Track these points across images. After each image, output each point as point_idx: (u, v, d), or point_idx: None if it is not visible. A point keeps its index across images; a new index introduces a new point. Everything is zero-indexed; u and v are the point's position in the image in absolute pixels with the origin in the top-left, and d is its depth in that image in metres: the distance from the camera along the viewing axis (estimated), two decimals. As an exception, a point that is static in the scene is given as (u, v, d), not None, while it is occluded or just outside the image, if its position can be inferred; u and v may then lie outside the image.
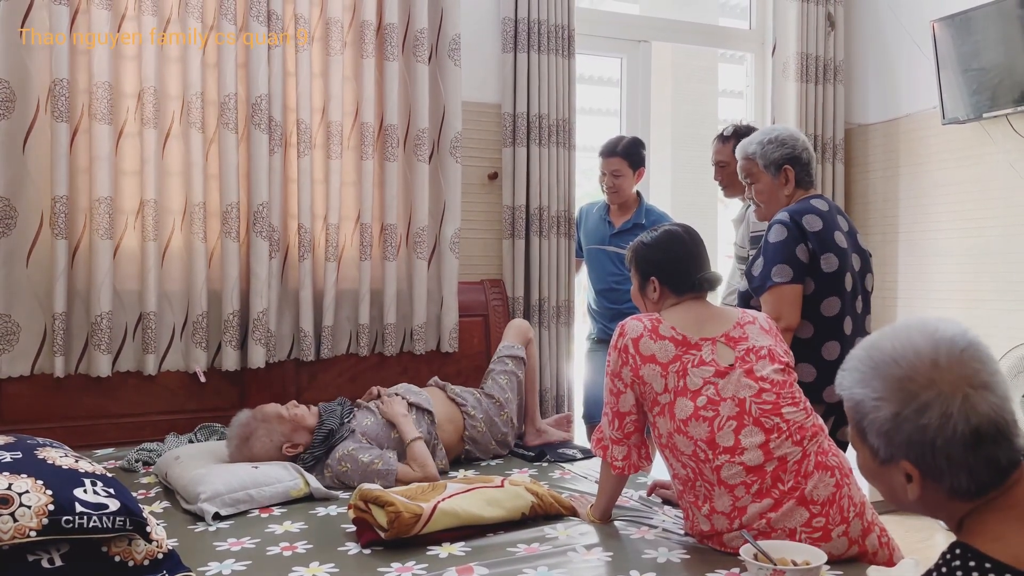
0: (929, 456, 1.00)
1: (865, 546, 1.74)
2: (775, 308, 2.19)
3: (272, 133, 2.98)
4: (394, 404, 2.52)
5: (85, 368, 2.82)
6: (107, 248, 2.78)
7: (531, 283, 3.48)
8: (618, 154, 3.29)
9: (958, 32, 3.50)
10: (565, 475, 2.55)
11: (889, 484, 1.07)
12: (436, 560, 1.77)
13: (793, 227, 2.24)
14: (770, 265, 2.23)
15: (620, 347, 1.86)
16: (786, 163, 2.36)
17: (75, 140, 2.77)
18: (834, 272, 2.24)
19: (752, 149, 2.41)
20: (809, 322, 2.25)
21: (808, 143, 2.41)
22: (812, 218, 2.26)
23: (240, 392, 3.02)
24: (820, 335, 2.25)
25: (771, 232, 2.27)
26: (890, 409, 1.02)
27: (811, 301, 2.24)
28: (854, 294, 2.31)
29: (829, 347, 2.25)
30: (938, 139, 3.81)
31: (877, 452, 1.05)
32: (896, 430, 1.01)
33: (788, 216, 2.27)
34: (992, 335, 3.56)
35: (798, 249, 2.22)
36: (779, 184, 2.38)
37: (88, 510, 1.58)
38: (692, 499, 1.81)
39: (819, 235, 2.24)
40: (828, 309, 2.25)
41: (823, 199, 2.37)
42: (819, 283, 2.24)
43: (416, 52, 3.22)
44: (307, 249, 3.06)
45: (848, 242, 2.32)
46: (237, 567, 1.75)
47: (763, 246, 2.30)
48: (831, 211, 2.34)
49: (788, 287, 2.21)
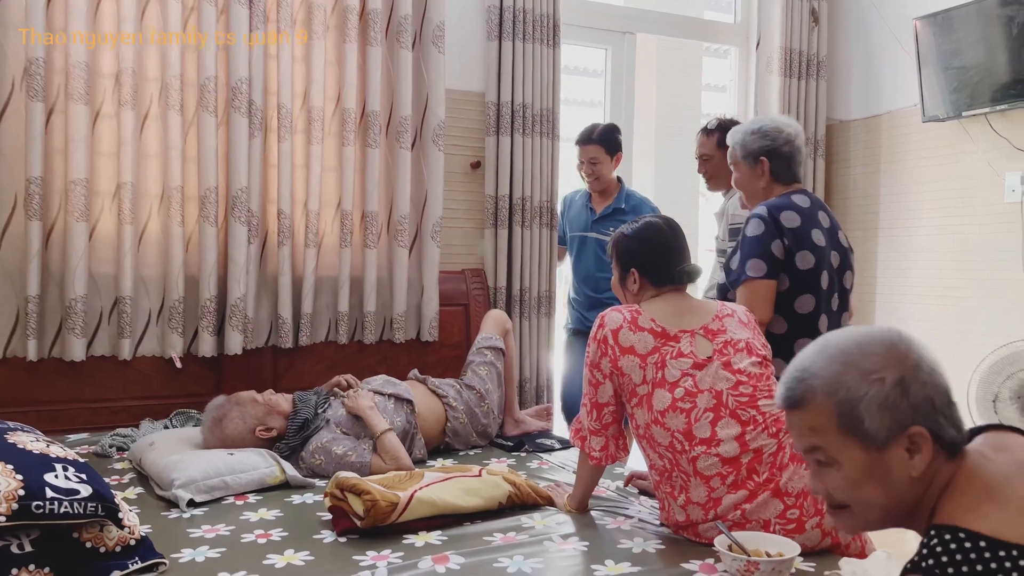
0: (931, 412, 1.04)
1: (838, 538, 1.75)
2: (747, 302, 2.18)
3: (252, 117, 2.95)
4: (360, 398, 2.49)
5: (59, 352, 2.78)
6: (82, 231, 2.74)
7: (513, 273, 3.47)
8: (595, 141, 3.30)
9: (940, 30, 3.52)
10: (543, 465, 2.55)
11: (885, 475, 1.06)
12: (412, 549, 1.77)
13: (770, 222, 2.23)
14: (745, 259, 2.23)
15: (599, 338, 1.86)
16: (763, 155, 2.35)
17: (51, 120, 2.72)
18: (809, 270, 2.23)
19: (736, 138, 2.41)
20: (783, 318, 2.24)
21: (795, 137, 2.36)
22: (790, 214, 2.25)
23: (216, 378, 3.00)
24: (793, 332, 2.25)
25: (748, 226, 2.27)
26: (894, 376, 1.05)
27: (785, 298, 2.24)
28: (830, 292, 2.31)
29: (802, 344, 2.22)
30: (918, 136, 3.84)
31: (875, 436, 1.05)
32: (903, 395, 1.04)
33: (766, 211, 2.26)
34: (969, 331, 3.61)
35: (774, 245, 2.21)
36: (756, 175, 2.37)
37: (59, 495, 1.56)
38: (668, 490, 1.81)
39: (796, 232, 2.23)
40: (802, 306, 2.25)
41: (805, 195, 2.35)
42: (794, 280, 2.23)
43: (400, 38, 3.20)
44: (287, 235, 3.03)
45: (827, 240, 2.31)
46: (211, 554, 1.74)
47: (740, 239, 2.30)
48: (812, 207, 2.32)
49: (761, 282, 2.20)
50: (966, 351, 3.56)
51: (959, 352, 3.61)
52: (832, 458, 1.09)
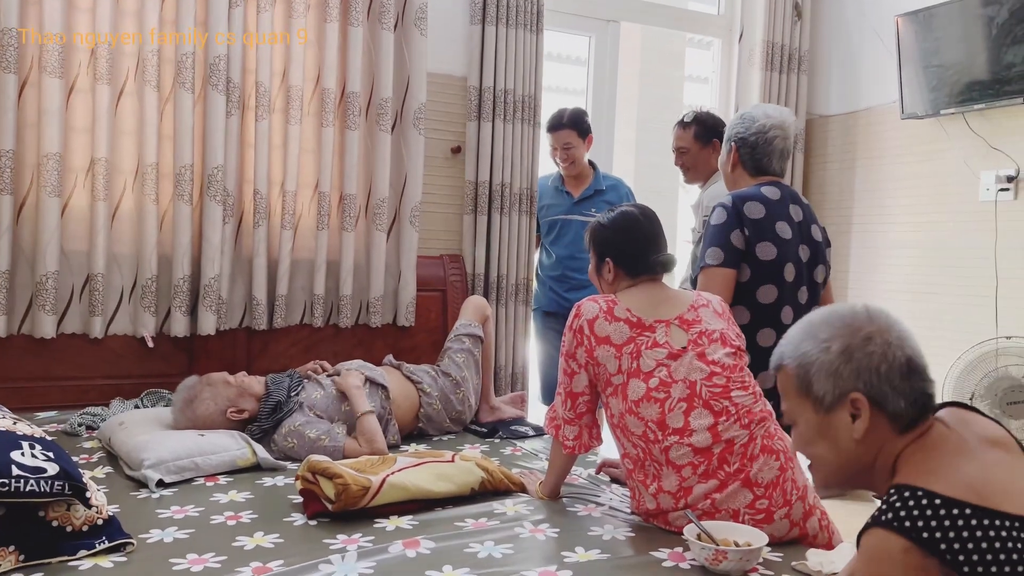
0: (875, 380, 1.14)
1: (806, 529, 1.77)
2: (705, 290, 2.19)
3: (230, 95, 2.91)
4: (349, 376, 2.50)
5: (28, 329, 2.74)
6: (55, 206, 2.69)
7: (491, 260, 3.46)
8: (565, 125, 3.31)
9: (921, 28, 3.54)
10: (516, 452, 2.56)
11: (833, 436, 1.18)
12: (383, 533, 1.77)
13: (732, 212, 2.25)
14: (706, 247, 2.27)
15: (575, 328, 1.87)
16: (733, 140, 2.38)
17: (23, 93, 2.67)
18: (771, 261, 2.25)
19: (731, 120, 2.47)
20: (745, 308, 2.26)
21: (768, 130, 2.34)
22: (754, 205, 2.26)
23: (189, 359, 2.97)
24: (756, 322, 2.26)
25: (712, 215, 2.30)
26: (839, 345, 1.16)
27: (747, 288, 2.25)
28: (797, 284, 2.31)
29: (764, 334, 2.27)
30: (896, 133, 3.87)
31: (823, 399, 1.17)
32: (847, 362, 1.15)
33: (731, 200, 2.28)
34: (941, 329, 3.65)
35: (733, 235, 2.23)
36: (728, 160, 2.41)
37: (25, 473, 1.53)
38: (640, 478, 1.82)
39: (758, 223, 2.24)
40: (764, 296, 2.26)
41: (777, 187, 2.35)
42: (755, 270, 2.25)
43: (382, 19, 3.16)
44: (263, 216, 3.00)
45: (796, 233, 2.31)
46: (179, 535, 1.73)
47: (705, 227, 2.34)
48: (782, 201, 2.32)
49: (717, 270, 2.23)
50: (938, 348, 3.60)
51: (931, 349, 3.64)
52: (793, 418, 1.23)
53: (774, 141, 2.36)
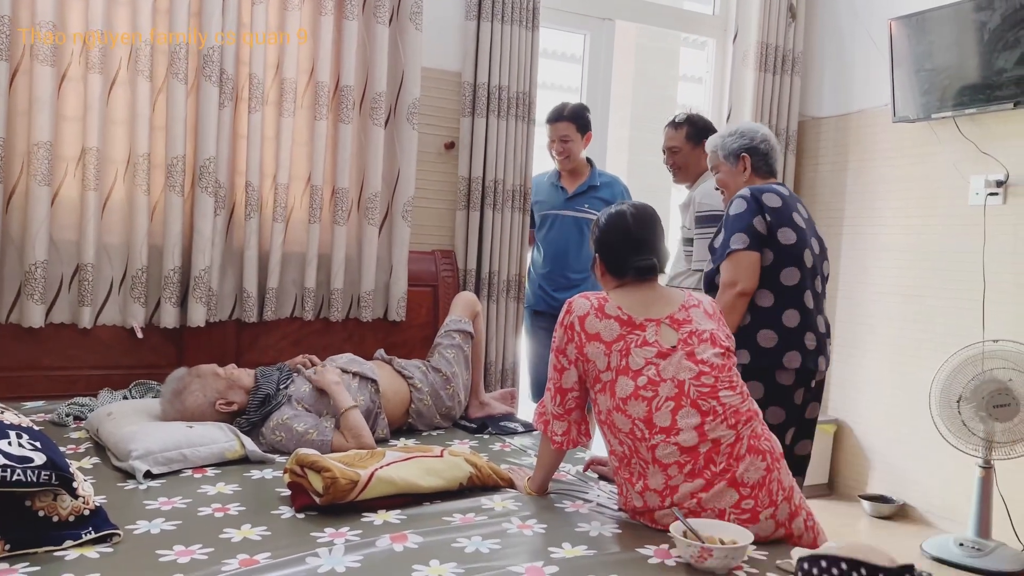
0: None
1: (791, 529, 1.78)
2: (733, 273, 2.34)
3: (223, 86, 2.90)
4: (327, 373, 2.48)
5: (17, 318, 2.73)
6: (45, 195, 2.68)
7: (483, 256, 3.46)
8: (565, 118, 3.32)
9: (914, 32, 3.56)
10: (505, 448, 2.56)
11: None
12: (371, 527, 1.77)
13: (752, 201, 2.39)
14: (729, 234, 2.38)
15: (566, 324, 1.87)
16: (743, 152, 2.54)
17: (15, 80, 2.66)
18: (792, 244, 2.37)
19: (715, 143, 2.61)
20: (769, 291, 2.37)
21: (769, 136, 2.57)
22: (771, 196, 2.41)
23: (178, 350, 2.96)
24: (780, 303, 2.36)
25: (732, 206, 2.42)
26: None
27: (770, 271, 2.37)
28: (814, 272, 2.45)
29: (789, 315, 2.36)
30: (888, 136, 3.89)
31: None
32: None
33: (749, 192, 2.42)
34: (929, 331, 3.68)
35: (755, 220, 2.36)
36: (737, 171, 2.56)
37: (12, 463, 1.53)
38: (627, 476, 1.83)
39: (777, 210, 2.38)
40: (788, 279, 2.37)
41: (784, 187, 2.51)
42: (778, 254, 2.37)
43: (376, 13, 3.16)
44: (254, 208, 3.00)
45: (807, 226, 2.46)
46: (167, 527, 1.73)
47: (724, 219, 2.45)
48: (791, 197, 2.48)
49: (744, 253, 2.34)
50: (926, 350, 3.64)
51: (919, 351, 3.69)
52: None
53: (775, 147, 2.58)
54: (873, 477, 3.97)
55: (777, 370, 2.35)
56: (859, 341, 3.99)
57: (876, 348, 3.94)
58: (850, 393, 4.05)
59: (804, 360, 2.36)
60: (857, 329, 3.99)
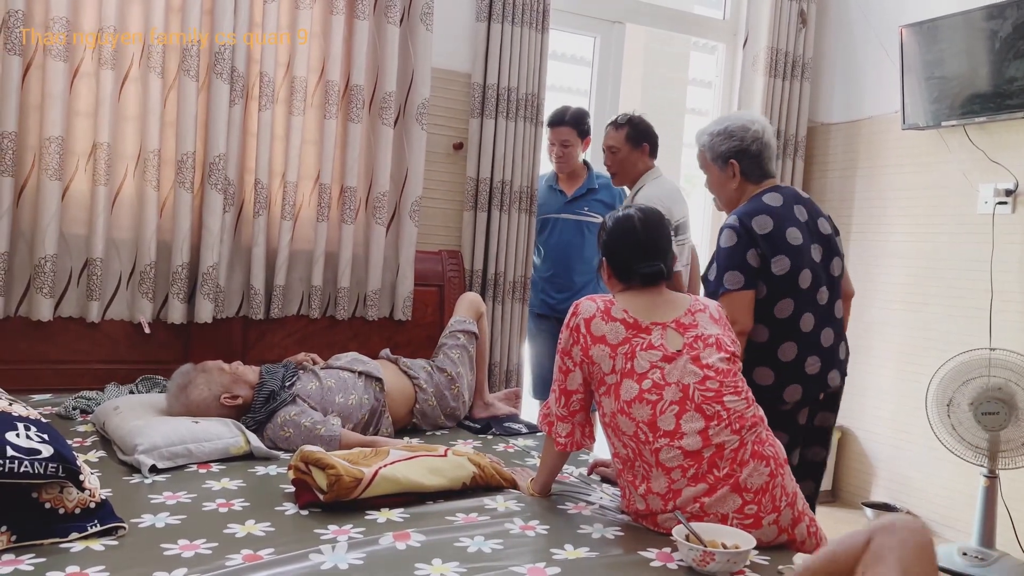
0: None
1: (794, 535, 1.78)
2: (729, 314, 2.16)
3: (234, 84, 2.91)
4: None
5: (25, 311, 2.75)
6: (55, 189, 2.70)
7: (489, 256, 3.47)
8: (567, 123, 3.33)
9: (924, 39, 3.55)
10: (509, 449, 2.57)
11: None
12: (374, 524, 1.77)
13: (742, 231, 2.24)
14: (722, 272, 2.24)
15: (572, 326, 1.88)
16: (732, 157, 2.35)
17: (27, 75, 2.67)
18: (785, 274, 2.24)
19: (703, 140, 2.41)
20: (764, 326, 2.26)
21: (762, 134, 2.35)
22: (762, 219, 2.25)
23: (185, 346, 2.97)
24: (775, 338, 2.26)
25: (722, 237, 2.28)
26: None
27: (764, 304, 2.25)
28: (814, 287, 2.29)
29: (785, 348, 2.26)
30: (897, 143, 3.89)
31: None
32: None
33: (737, 220, 2.26)
34: (933, 339, 3.67)
35: (748, 254, 2.22)
36: (727, 177, 2.38)
37: (20, 455, 1.54)
38: (630, 479, 1.84)
39: (769, 237, 2.23)
40: (781, 311, 2.26)
41: (778, 192, 2.34)
42: (771, 287, 2.24)
43: (388, 13, 3.17)
44: (263, 206, 3.01)
45: (805, 236, 2.30)
46: (171, 521, 1.74)
47: (715, 251, 2.31)
48: (786, 204, 2.31)
49: (739, 294, 2.22)
50: (931, 358, 3.62)
51: (925, 359, 3.68)
52: None
53: (770, 143, 2.37)
54: (877, 484, 3.96)
55: (778, 404, 2.26)
56: (865, 348, 3.98)
57: (882, 355, 3.94)
58: (855, 400, 4.04)
59: (806, 389, 2.27)
60: (863, 336, 3.99)
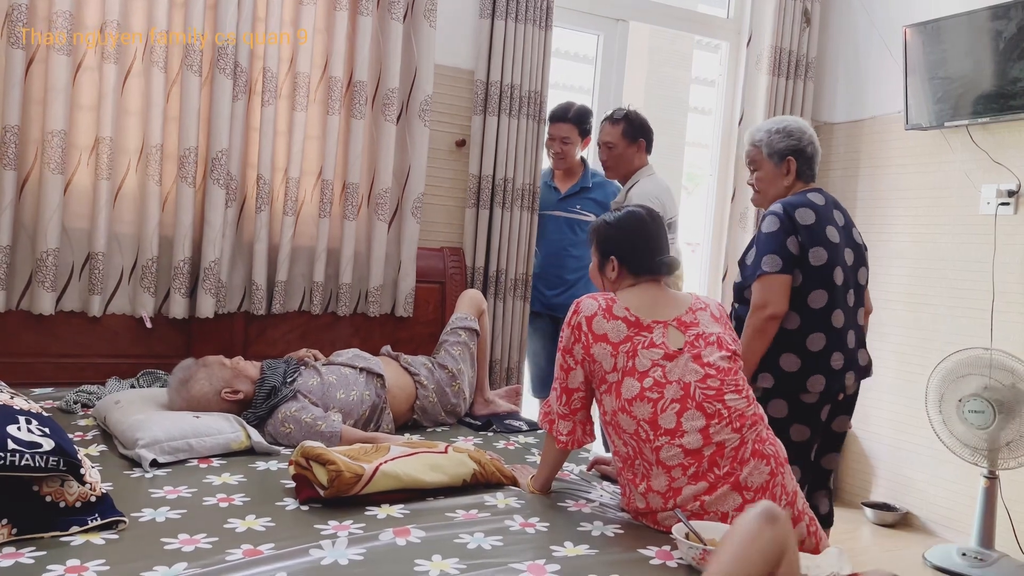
0: None
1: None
2: (763, 296, 2.27)
3: (237, 79, 2.91)
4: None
5: (27, 305, 2.75)
6: (58, 183, 2.70)
7: (491, 254, 3.47)
8: (569, 120, 3.32)
9: (928, 39, 3.55)
10: (509, 446, 2.57)
11: None
12: (374, 520, 1.78)
13: (785, 219, 2.31)
14: (761, 255, 2.31)
15: (574, 324, 1.88)
16: (790, 154, 2.43)
17: (30, 69, 2.67)
18: (822, 266, 2.31)
19: (759, 136, 2.48)
20: (796, 313, 2.32)
21: (815, 138, 2.47)
22: (805, 211, 2.33)
23: (186, 341, 2.97)
24: (806, 326, 2.32)
25: (764, 223, 2.35)
26: None
27: (799, 293, 2.31)
28: (845, 288, 2.37)
29: (814, 338, 2.32)
30: (900, 143, 3.88)
31: None
32: None
33: (782, 208, 2.34)
34: (932, 338, 3.67)
35: (788, 241, 2.30)
36: (780, 173, 2.45)
37: (21, 448, 1.55)
38: (630, 476, 1.84)
39: (810, 228, 2.31)
40: (815, 301, 2.31)
41: (821, 193, 2.43)
42: (807, 276, 2.31)
43: (391, 9, 3.17)
44: (265, 201, 3.01)
45: (842, 237, 2.39)
46: (172, 515, 1.74)
47: (756, 236, 2.38)
48: (827, 205, 2.40)
49: (776, 276, 2.28)
50: (932, 358, 3.62)
51: (926, 359, 3.68)
52: None
53: (819, 149, 2.48)
54: (877, 485, 3.96)
55: (801, 393, 2.31)
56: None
57: (883, 355, 3.93)
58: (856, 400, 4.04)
59: (829, 382, 2.31)
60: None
